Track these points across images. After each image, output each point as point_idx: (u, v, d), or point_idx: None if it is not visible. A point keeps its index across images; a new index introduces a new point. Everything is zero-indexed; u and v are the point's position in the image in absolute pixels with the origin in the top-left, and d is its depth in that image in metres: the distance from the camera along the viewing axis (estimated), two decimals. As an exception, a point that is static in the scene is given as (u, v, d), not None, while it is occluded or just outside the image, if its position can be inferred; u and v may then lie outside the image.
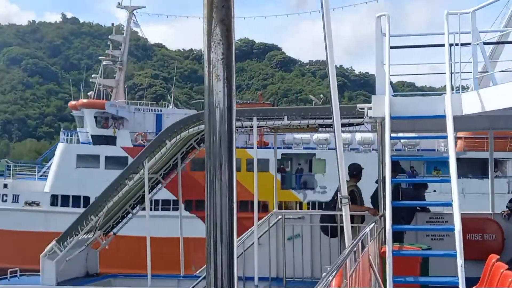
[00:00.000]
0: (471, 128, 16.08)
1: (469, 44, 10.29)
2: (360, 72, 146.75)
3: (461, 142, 41.67)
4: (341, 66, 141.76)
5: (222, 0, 2.31)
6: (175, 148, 15.18)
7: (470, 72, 10.42)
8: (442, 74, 10.43)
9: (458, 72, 10.59)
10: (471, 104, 9.89)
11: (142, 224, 40.65)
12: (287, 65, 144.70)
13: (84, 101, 45.73)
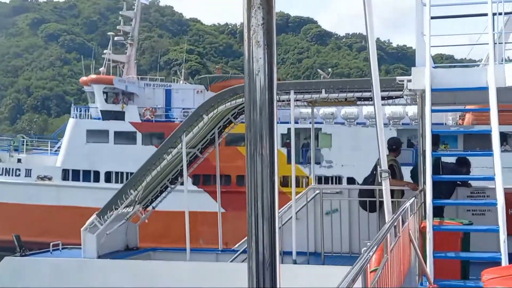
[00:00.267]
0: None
1: (512, 13, 9.99)
2: (397, 45, 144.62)
3: (469, 116, 41.33)
4: (378, 39, 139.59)
5: None
6: (213, 122, 15.17)
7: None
8: (485, 44, 10.17)
9: (502, 42, 10.31)
10: (515, 75, 9.62)
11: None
12: (323, 38, 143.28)
13: (93, 77, 46.03)
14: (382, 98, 12.26)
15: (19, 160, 44.02)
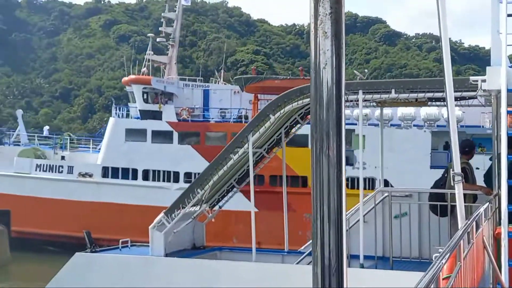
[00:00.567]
0: None
1: None
2: (469, 45, 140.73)
3: (510, 117, 40.14)
4: (449, 39, 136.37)
5: None
6: (279, 122, 15.09)
7: None
8: None
9: None
10: None
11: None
12: (391, 38, 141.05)
13: (132, 77, 47.31)
14: (455, 98, 11.89)
15: (63, 157, 45.88)
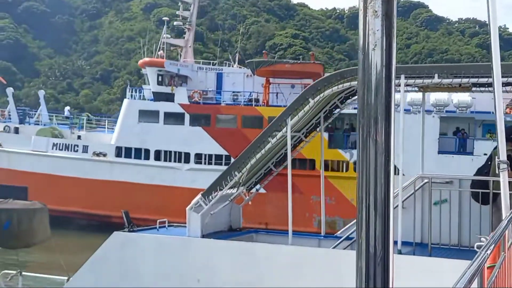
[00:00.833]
0: None
1: None
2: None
3: None
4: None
5: None
6: (318, 106, 14.95)
7: None
8: None
9: None
10: None
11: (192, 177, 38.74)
12: (433, 23, 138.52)
13: (146, 59, 48.37)
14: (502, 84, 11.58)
15: (79, 137, 47.37)
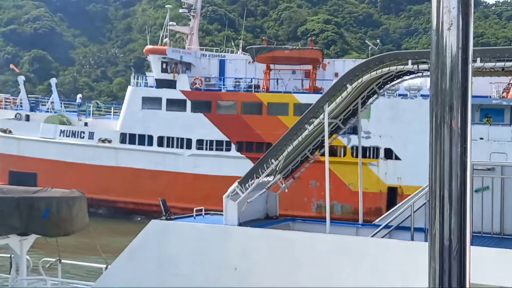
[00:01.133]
0: None
1: None
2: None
3: None
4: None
5: None
6: (356, 92, 14.70)
7: None
8: None
9: None
10: None
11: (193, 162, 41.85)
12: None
13: (149, 47, 49.00)
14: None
15: (86, 123, 48.40)
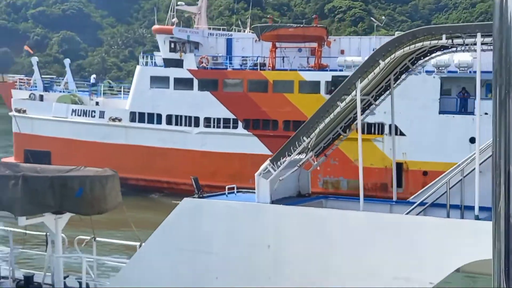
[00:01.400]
0: None
1: None
2: None
3: None
4: None
5: None
6: (389, 68, 14.49)
7: None
8: None
9: None
10: None
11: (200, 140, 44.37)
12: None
13: (156, 27, 50.06)
14: None
15: (97, 103, 49.69)
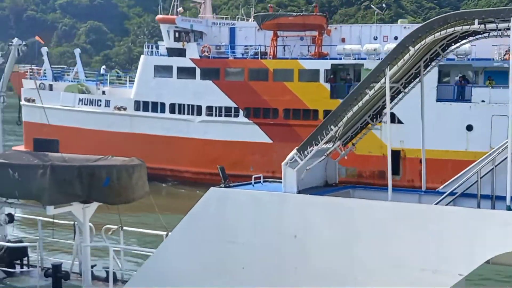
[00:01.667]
0: None
1: None
2: None
3: None
4: None
5: None
6: (419, 55, 14.08)
7: None
8: None
9: None
10: None
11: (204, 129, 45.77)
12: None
13: (160, 16, 50.55)
14: None
15: (104, 92, 50.60)
